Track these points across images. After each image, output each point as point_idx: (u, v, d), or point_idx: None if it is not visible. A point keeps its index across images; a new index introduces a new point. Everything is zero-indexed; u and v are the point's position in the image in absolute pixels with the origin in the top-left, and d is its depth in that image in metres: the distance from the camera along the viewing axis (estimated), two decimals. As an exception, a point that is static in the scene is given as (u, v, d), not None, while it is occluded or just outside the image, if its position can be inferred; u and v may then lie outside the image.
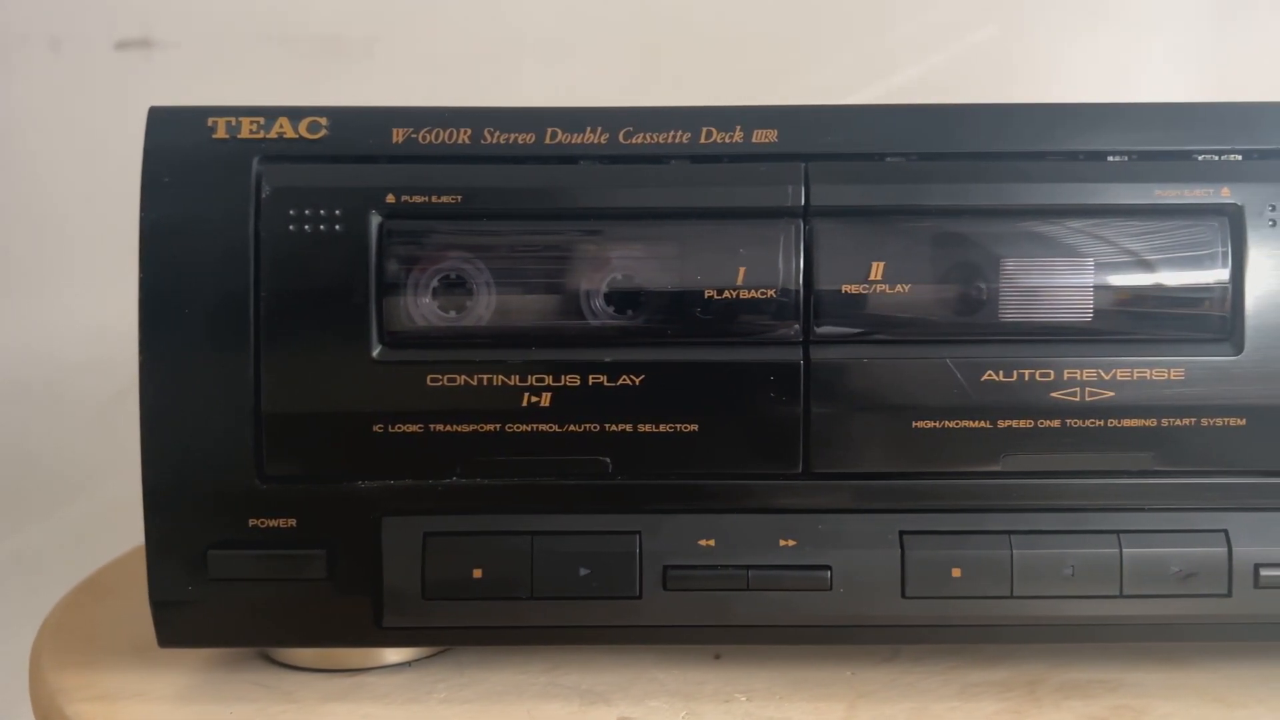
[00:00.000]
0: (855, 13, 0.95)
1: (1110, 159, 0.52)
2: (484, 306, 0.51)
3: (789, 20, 0.94)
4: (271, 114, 0.51)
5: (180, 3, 0.96)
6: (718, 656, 0.58)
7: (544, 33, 0.95)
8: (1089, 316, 0.51)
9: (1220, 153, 0.52)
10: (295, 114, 0.51)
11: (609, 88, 0.95)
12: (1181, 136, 0.52)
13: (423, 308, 0.51)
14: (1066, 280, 0.51)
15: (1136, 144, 0.52)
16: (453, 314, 0.51)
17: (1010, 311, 0.51)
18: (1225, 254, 0.51)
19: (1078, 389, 0.50)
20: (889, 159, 0.52)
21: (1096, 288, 0.51)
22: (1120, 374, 0.50)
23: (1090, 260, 0.51)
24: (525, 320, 0.51)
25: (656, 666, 0.56)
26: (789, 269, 0.50)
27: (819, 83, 0.95)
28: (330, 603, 0.51)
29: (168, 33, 0.97)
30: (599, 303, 0.51)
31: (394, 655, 0.57)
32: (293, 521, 0.51)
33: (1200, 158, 0.52)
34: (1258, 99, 0.53)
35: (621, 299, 0.51)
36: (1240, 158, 0.52)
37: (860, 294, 0.50)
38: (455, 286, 0.51)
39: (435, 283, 0.51)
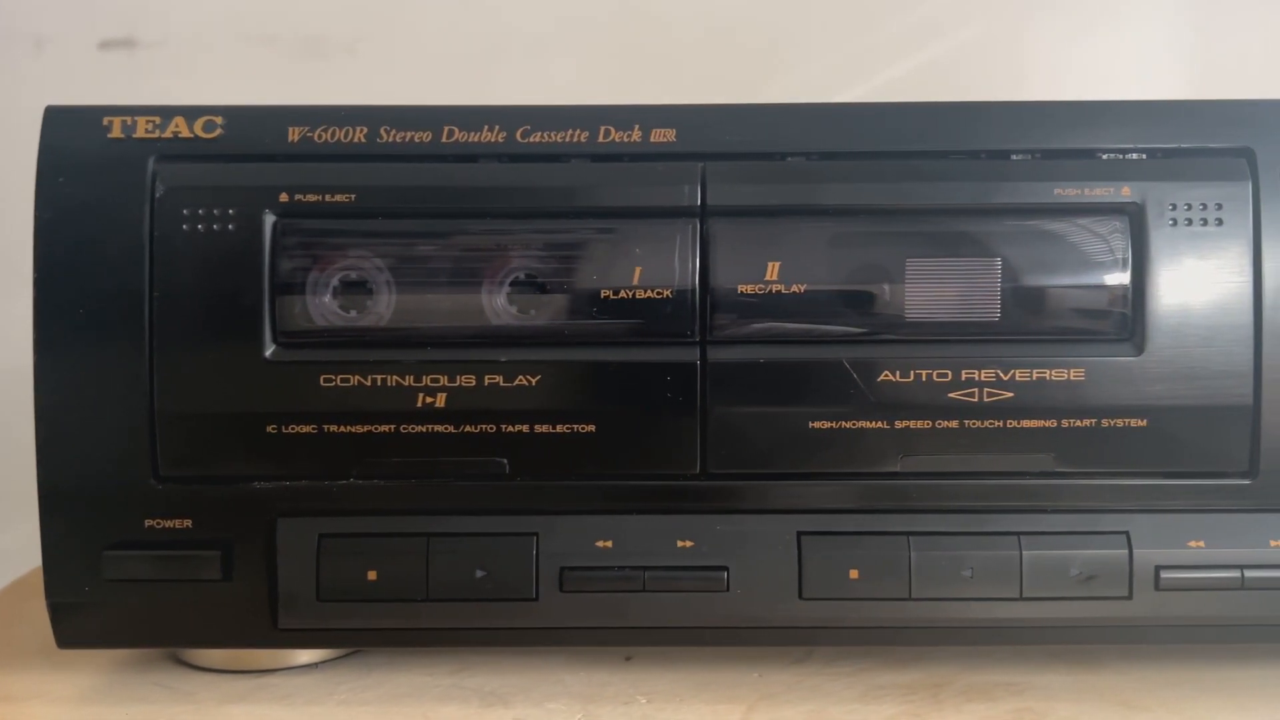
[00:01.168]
0: (838, 11, 0.94)
1: (1014, 158, 0.51)
2: (384, 306, 0.51)
3: (772, 18, 0.94)
4: (167, 113, 0.51)
5: (164, 3, 0.96)
6: (629, 658, 0.57)
7: (526, 31, 0.94)
8: (988, 317, 0.50)
9: (1125, 151, 0.51)
10: (191, 113, 0.51)
11: (591, 86, 0.94)
12: (1086, 135, 0.51)
13: (320, 307, 0.51)
14: (965, 281, 0.50)
15: (1040, 142, 0.51)
16: (353, 314, 0.51)
17: (908, 312, 0.50)
18: (1126, 253, 0.50)
19: (976, 389, 0.50)
20: (789, 158, 0.51)
21: (996, 288, 0.50)
22: (1019, 375, 0.50)
23: (989, 260, 0.50)
24: (425, 320, 0.51)
25: (564, 669, 0.56)
26: (685, 269, 0.50)
27: (802, 81, 0.94)
28: (226, 604, 0.51)
29: (151, 32, 0.96)
30: (500, 302, 0.51)
31: (304, 656, 0.56)
32: (188, 522, 0.51)
33: (1105, 156, 0.51)
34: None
35: (521, 299, 0.51)
36: (1145, 156, 0.51)
37: (756, 294, 0.50)
38: (354, 286, 0.51)
39: (333, 282, 0.51)
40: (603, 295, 0.50)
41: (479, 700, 0.53)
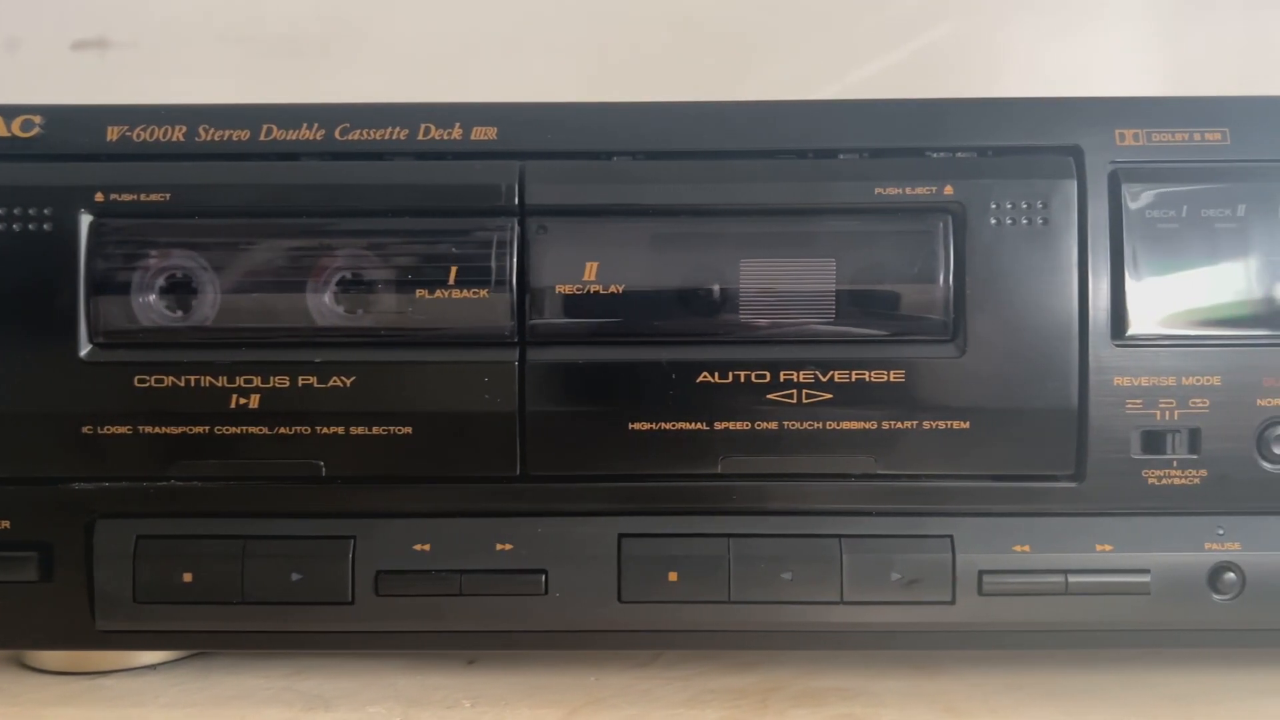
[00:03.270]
0: (813, 8, 0.93)
1: (841, 157, 0.51)
2: (209, 306, 0.51)
3: (746, 16, 0.93)
4: (-15, 112, 0.51)
5: (136, 3, 0.96)
6: (471, 662, 0.57)
7: (499, 30, 0.94)
8: (808, 318, 0.50)
9: (955, 150, 0.51)
10: (9, 112, 0.51)
11: (564, 84, 0.94)
12: (914, 133, 0.51)
13: (142, 307, 0.51)
14: (786, 281, 0.50)
15: (869, 141, 0.51)
16: (180, 314, 0.51)
17: (726, 313, 0.50)
18: (948, 253, 0.49)
19: (794, 391, 0.49)
20: (616, 158, 0.51)
21: (816, 289, 0.50)
22: (838, 375, 0.49)
23: (810, 261, 0.50)
24: (249, 320, 0.51)
25: (401, 672, 0.56)
26: (503, 269, 0.49)
27: (776, 79, 0.93)
28: (45, 605, 0.51)
29: (124, 33, 0.96)
30: (325, 302, 0.51)
31: (146, 657, 0.56)
32: (6, 523, 0.50)
33: (935, 155, 0.51)
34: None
35: (347, 298, 0.50)
36: (975, 155, 0.50)
37: (575, 294, 0.49)
38: (179, 286, 0.51)
39: (154, 282, 0.51)
40: (419, 295, 0.49)
41: (303, 704, 0.52)
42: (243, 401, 0.49)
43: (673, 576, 0.50)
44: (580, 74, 0.93)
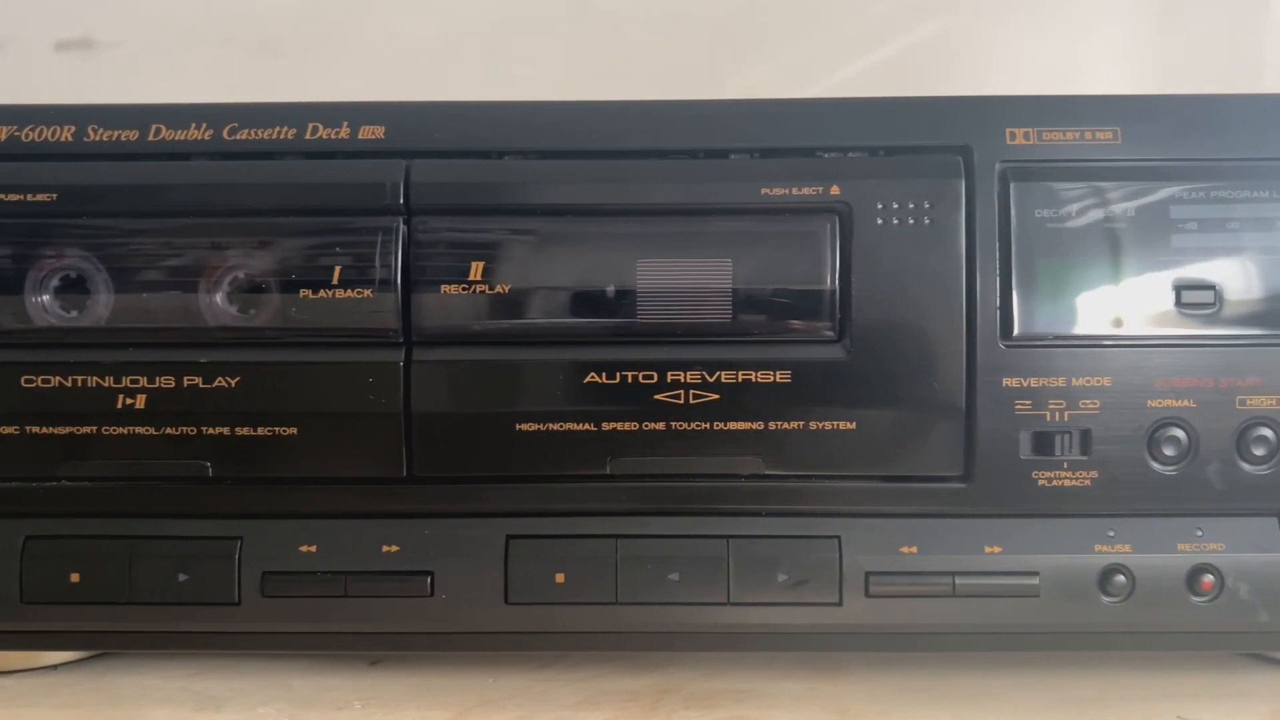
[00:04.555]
0: (803, 7, 0.93)
1: (732, 157, 0.50)
2: (103, 306, 0.51)
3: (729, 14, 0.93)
4: (-126, 114, 0.51)
5: (121, 3, 0.96)
6: (374, 663, 0.57)
7: (482, 31, 0.94)
8: (695, 318, 0.49)
9: (846, 150, 0.50)
10: (-102, 113, 0.51)
11: (547, 84, 0.93)
12: (805, 133, 0.50)
13: (34, 307, 0.50)
14: (673, 281, 0.49)
15: (760, 141, 0.50)
16: (74, 314, 0.51)
17: (613, 313, 0.49)
18: (834, 253, 0.49)
19: (682, 391, 0.49)
20: (506, 157, 0.51)
21: (704, 289, 0.49)
22: (724, 376, 0.49)
23: (697, 261, 0.49)
24: (141, 320, 0.50)
25: (299, 673, 0.56)
26: (387, 269, 0.49)
27: (760, 78, 0.93)
28: (-66, 606, 0.51)
29: (108, 33, 0.96)
30: (216, 302, 0.50)
31: (50, 657, 0.56)
32: (-104, 524, 0.50)
33: (826, 155, 0.50)
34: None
35: (240, 298, 0.50)
36: (866, 154, 0.50)
37: (460, 294, 0.49)
38: (72, 286, 0.51)
39: (45, 282, 0.50)
40: (304, 295, 0.49)
41: (194, 704, 0.52)
42: (129, 402, 0.49)
43: (560, 578, 0.50)
44: (564, 73, 0.92)
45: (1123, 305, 0.49)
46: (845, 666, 0.56)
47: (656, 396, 0.49)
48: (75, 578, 0.50)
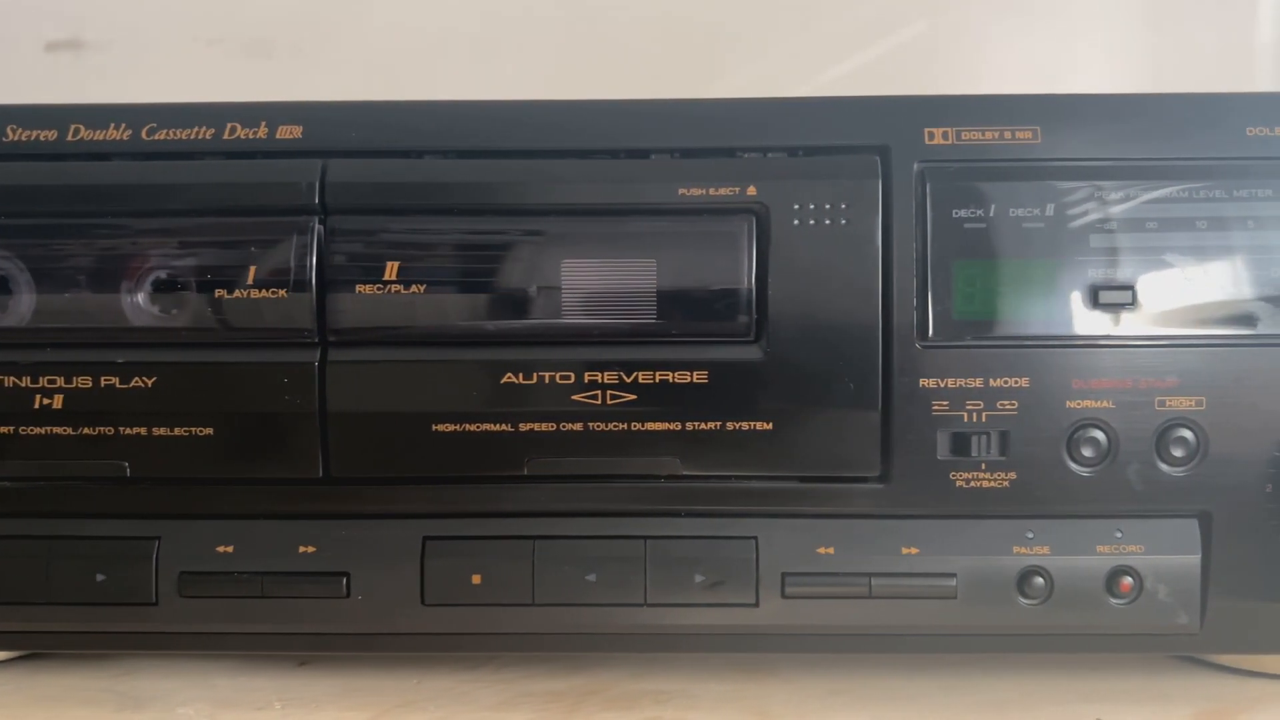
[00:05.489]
0: (791, 7, 0.93)
1: (653, 157, 0.50)
2: (25, 306, 0.51)
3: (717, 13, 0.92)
4: None
5: (111, 4, 0.96)
6: (303, 664, 0.57)
7: (471, 31, 0.93)
8: (612, 318, 0.49)
9: (766, 150, 0.50)
10: None
11: (536, 84, 0.93)
12: (724, 133, 0.50)
13: (-45, 308, 0.50)
14: (592, 282, 0.49)
15: (680, 142, 0.50)
16: (-3, 315, 0.51)
17: (531, 313, 0.49)
18: (750, 254, 0.49)
19: (599, 391, 0.49)
20: (426, 156, 0.50)
21: (622, 290, 0.49)
22: (642, 376, 0.49)
23: (617, 262, 0.49)
24: (64, 320, 0.50)
25: (226, 673, 0.56)
26: (302, 269, 0.49)
27: (753, 76, 0.93)
28: None
29: (98, 34, 0.96)
30: (138, 302, 0.50)
31: (-21, 658, 0.56)
32: None
33: (746, 156, 0.50)
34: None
35: (161, 299, 0.50)
36: (786, 155, 0.50)
37: (375, 294, 0.49)
38: (-10, 286, 0.51)
39: (-35, 282, 0.50)
40: (219, 296, 0.49)
41: (116, 704, 0.52)
42: (46, 402, 0.49)
43: (476, 579, 0.50)
44: (552, 74, 0.92)
45: (1041, 306, 0.49)
46: (774, 668, 0.56)
47: (574, 397, 0.49)
48: (-8, 578, 0.50)
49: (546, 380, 0.49)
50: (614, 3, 0.92)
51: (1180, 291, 0.49)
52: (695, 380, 0.49)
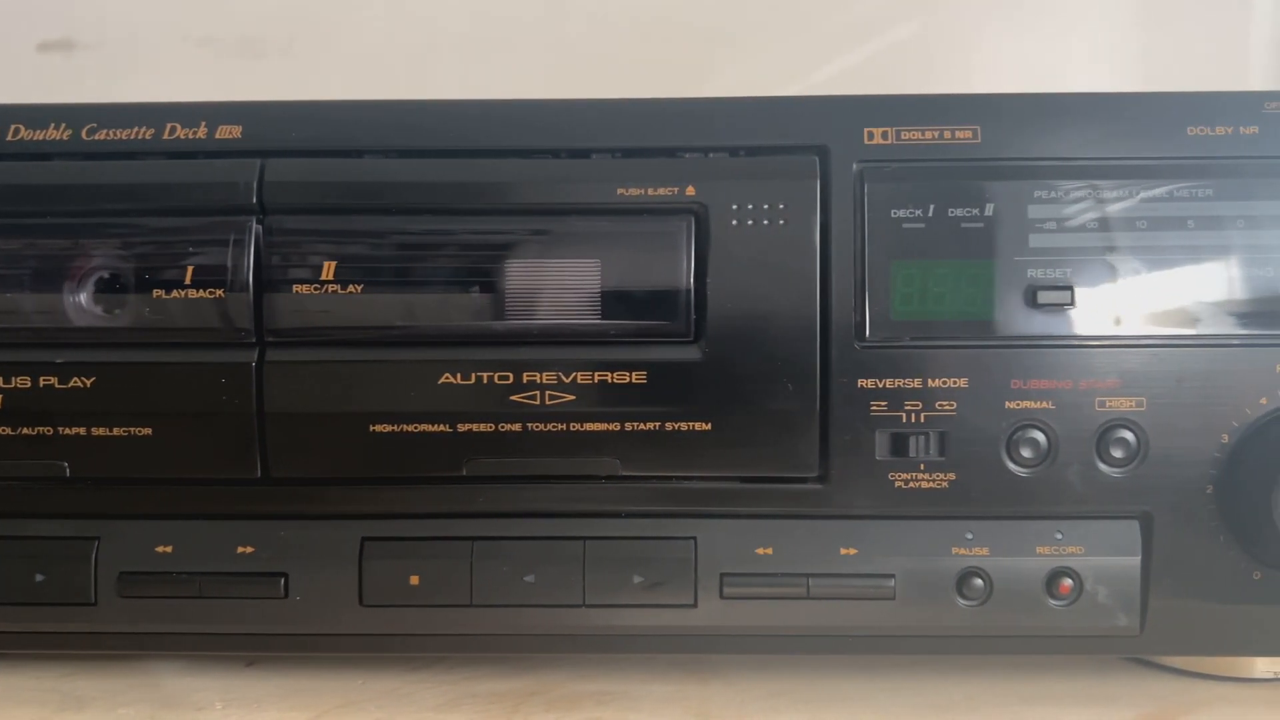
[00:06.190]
0: (783, 7, 0.93)
1: (594, 157, 0.50)
2: (-32, 307, 0.50)
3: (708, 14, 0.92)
4: None
5: (102, 5, 0.96)
6: (250, 664, 0.57)
7: (460, 31, 0.93)
8: (552, 318, 0.49)
9: (706, 150, 0.50)
10: None
11: (525, 84, 0.93)
12: (664, 133, 0.50)
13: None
14: (531, 281, 0.49)
15: (621, 141, 0.50)
16: (-61, 315, 0.50)
17: (468, 314, 0.49)
18: (689, 254, 0.49)
19: (538, 392, 0.49)
20: (366, 156, 0.50)
21: (560, 290, 0.49)
22: (580, 377, 0.49)
23: (556, 262, 0.49)
24: (1, 321, 0.50)
25: (173, 673, 0.56)
26: (240, 269, 0.49)
27: (746, 76, 0.93)
28: None
29: (89, 34, 0.96)
30: (81, 302, 0.50)
31: (-73, 658, 0.56)
32: None
33: (686, 155, 0.50)
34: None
35: (104, 299, 0.50)
36: (727, 155, 0.50)
37: (313, 294, 0.49)
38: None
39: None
40: (157, 295, 0.49)
41: (59, 703, 0.52)
42: (-16, 402, 0.49)
43: (415, 580, 0.49)
44: (541, 73, 0.92)
45: (980, 306, 0.49)
46: (717, 669, 0.56)
47: (513, 398, 0.49)
48: (-68, 578, 0.50)
49: (485, 381, 0.49)
50: (602, 4, 0.92)
51: (1120, 292, 0.49)
52: (634, 380, 0.49)
